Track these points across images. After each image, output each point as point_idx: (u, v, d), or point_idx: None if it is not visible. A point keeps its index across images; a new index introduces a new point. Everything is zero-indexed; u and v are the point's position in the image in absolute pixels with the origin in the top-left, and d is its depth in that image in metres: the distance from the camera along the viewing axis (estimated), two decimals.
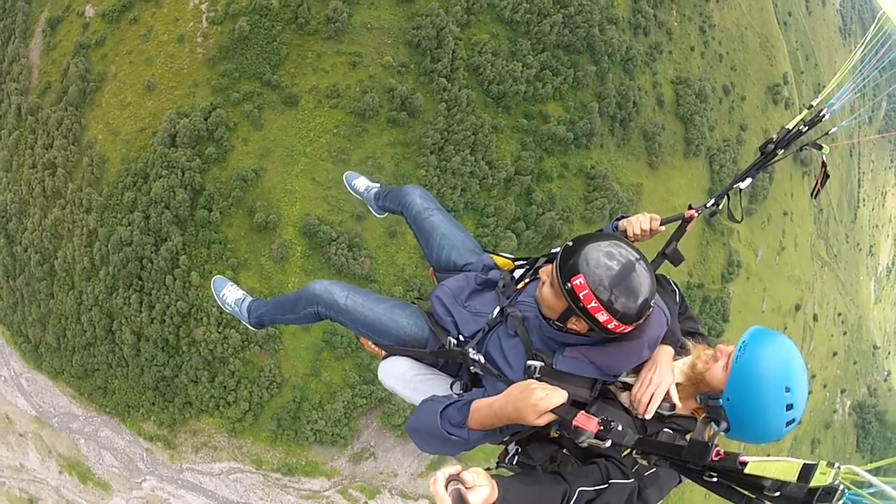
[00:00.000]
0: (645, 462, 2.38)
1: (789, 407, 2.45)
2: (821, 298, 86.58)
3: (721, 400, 2.59)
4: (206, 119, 54.56)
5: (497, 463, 2.89)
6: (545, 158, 60.92)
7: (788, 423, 2.46)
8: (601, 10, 62.91)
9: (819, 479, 1.81)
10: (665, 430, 2.63)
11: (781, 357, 2.49)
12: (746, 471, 1.90)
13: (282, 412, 53.68)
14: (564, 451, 2.72)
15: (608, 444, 2.34)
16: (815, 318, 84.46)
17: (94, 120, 58.76)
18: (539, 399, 2.38)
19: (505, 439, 2.82)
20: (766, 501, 1.92)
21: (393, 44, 57.78)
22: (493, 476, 2.10)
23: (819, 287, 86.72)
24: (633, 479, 2.46)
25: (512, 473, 2.66)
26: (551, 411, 2.38)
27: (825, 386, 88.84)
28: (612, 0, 64.63)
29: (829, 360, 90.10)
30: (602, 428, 2.32)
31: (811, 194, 4.20)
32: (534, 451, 2.75)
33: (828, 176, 3.77)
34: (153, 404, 55.49)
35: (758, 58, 79.92)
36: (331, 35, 56.54)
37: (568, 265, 2.52)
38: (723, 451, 2.03)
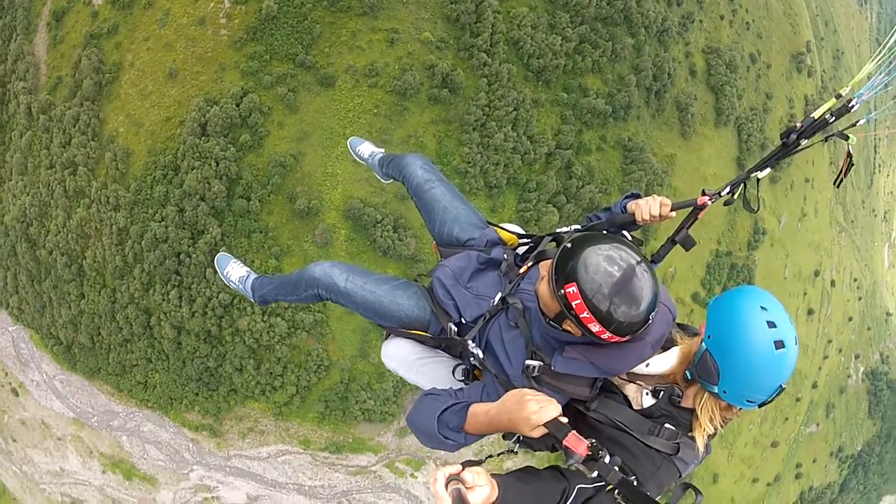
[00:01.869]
0: (693, 434, 2.43)
1: (771, 324, 2.42)
2: (838, 264, 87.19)
3: (703, 345, 2.57)
4: (237, 105, 51.81)
5: (503, 437, 2.75)
6: (584, 132, 59.34)
7: (778, 346, 2.39)
8: None
9: None
10: (667, 425, 2.59)
11: (749, 289, 2.56)
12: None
13: (329, 394, 52.49)
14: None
15: (595, 474, 2.29)
16: (832, 283, 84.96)
17: (113, 112, 55.53)
18: (532, 413, 2.32)
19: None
20: None
21: (431, 18, 55.36)
22: (493, 475, 2.09)
23: (837, 252, 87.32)
24: (633, 476, 2.44)
25: (508, 472, 2.47)
26: (543, 426, 2.31)
27: (840, 350, 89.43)
28: None
29: (845, 326, 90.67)
30: (591, 453, 2.27)
31: (834, 183, 4.10)
32: (536, 442, 2.68)
33: (853, 165, 3.62)
34: (197, 395, 53.71)
35: (782, 25, 79.03)
36: (365, 11, 53.88)
37: (566, 269, 2.44)
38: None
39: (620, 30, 61.07)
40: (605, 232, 3.20)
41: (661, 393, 2.64)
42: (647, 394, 2.70)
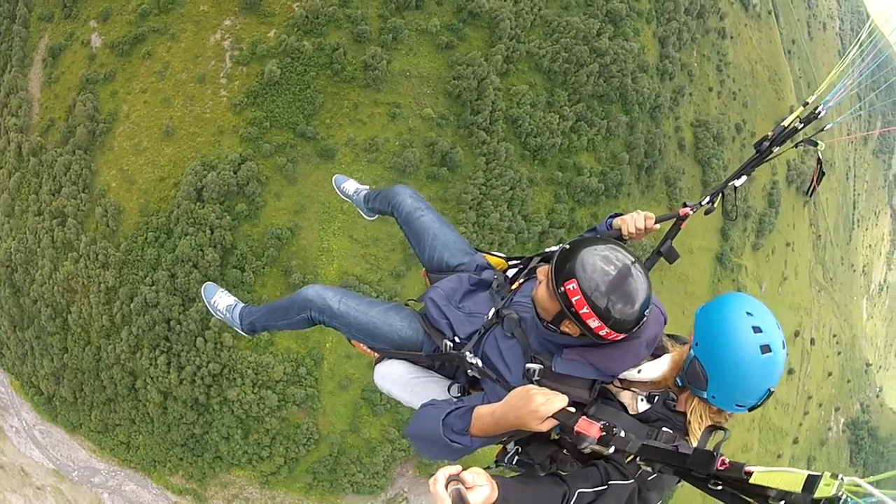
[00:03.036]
0: (649, 469, 2.35)
1: (757, 329, 2.45)
2: (818, 322, 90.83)
3: (691, 352, 2.62)
4: (235, 172, 51.63)
5: (495, 462, 2.89)
6: (577, 209, 60.78)
7: (765, 350, 2.43)
8: (634, 58, 62.33)
9: (823, 490, 1.83)
10: (664, 428, 2.61)
11: (735, 295, 2.59)
12: (751, 480, 1.91)
13: (318, 466, 53.35)
14: (564, 451, 2.76)
15: (612, 450, 2.35)
16: (812, 341, 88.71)
17: (105, 165, 54.71)
18: (539, 405, 2.37)
19: (504, 439, 2.83)
20: None
21: (432, 94, 55.74)
22: (493, 476, 2.12)
23: (816, 311, 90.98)
24: (632, 481, 2.47)
25: (510, 473, 2.67)
26: (553, 416, 2.38)
27: (820, 405, 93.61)
28: (643, 47, 64.02)
29: (825, 381, 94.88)
30: (604, 433, 2.31)
31: (807, 192, 5.05)
32: (534, 451, 2.78)
33: (823, 173, 3.79)
34: (181, 459, 53.92)
35: (767, 92, 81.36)
36: (368, 83, 54.00)
37: (564, 269, 2.53)
38: (728, 460, 2.03)
39: (616, 107, 62.35)
40: None
41: (656, 398, 2.68)
42: (641, 399, 2.73)
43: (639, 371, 2.77)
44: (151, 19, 57.06)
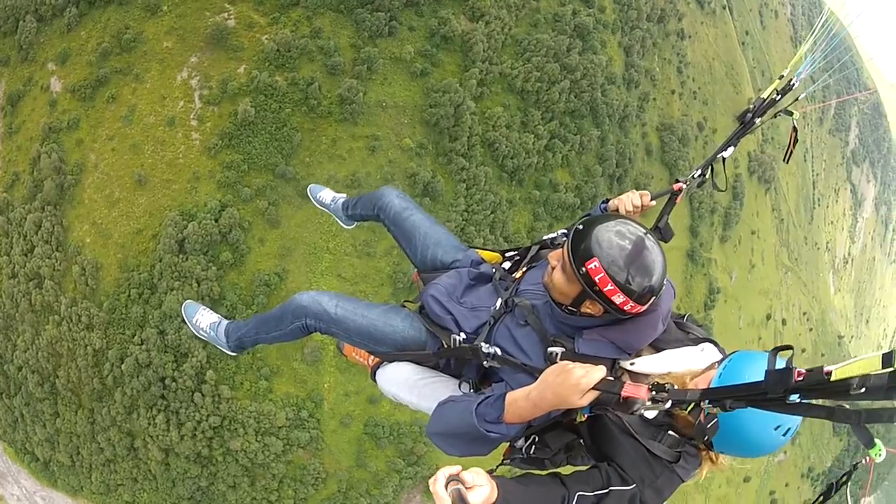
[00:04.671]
0: (716, 410, 2.23)
1: (783, 430, 2.40)
2: (787, 302, 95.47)
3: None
4: (216, 220, 50.73)
5: (503, 460, 2.87)
6: (555, 225, 62.00)
7: (778, 429, 2.39)
8: (602, 71, 63.33)
9: None
10: (669, 432, 2.57)
11: (764, 416, 2.27)
12: (833, 378, 1.87)
13: (328, 503, 53.57)
14: (580, 440, 2.76)
15: (668, 405, 2.22)
16: (783, 322, 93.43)
17: (77, 220, 52.84)
18: (580, 377, 2.29)
19: (528, 431, 2.78)
20: (846, 406, 1.91)
21: (410, 123, 55.56)
22: (492, 477, 2.13)
23: (784, 292, 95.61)
24: (633, 486, 2.46)
25: (517, 471, 2.70)
26: (595, 387, 2.28)
27: None
28: (610, 59, 65.01)
29: (799, 358, 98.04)
30: (653, 392, 2.22)
31: (784, 159, 4.74)
32: (551, 440, 2.76)
33: (797, 140, 4.00)
34: None
35: (725, 87, 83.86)
36: (345, 117, 53.45)
37: (580, 249, 2.53)
38: (802, 369, 1.97)
39: (587, 121, 63.50)
40: None
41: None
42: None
43: (631, 364, 2.72)
44: (113, 59, 54.73)
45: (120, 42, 55.05)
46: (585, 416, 2.61)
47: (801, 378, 1.94)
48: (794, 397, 1.97)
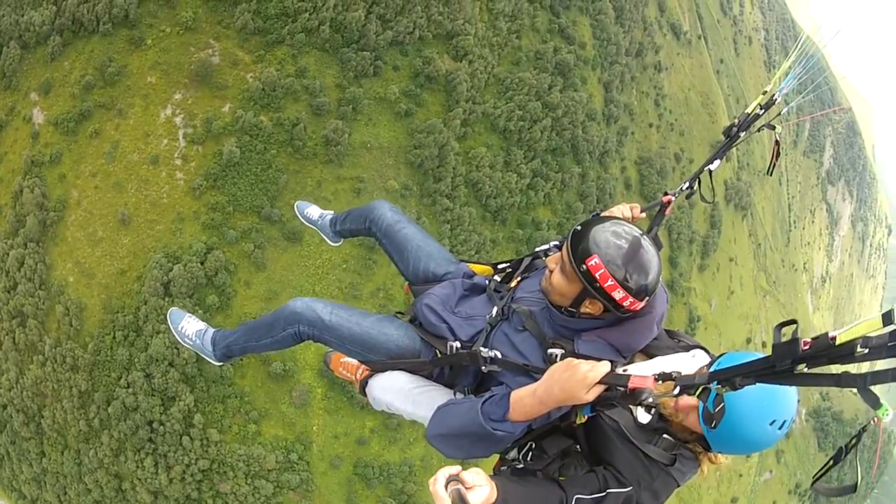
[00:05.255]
0: (728, 388, 2.18)
1: (778, 424, 2.43)
2: (766, 326, 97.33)
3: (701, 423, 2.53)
4: (202, 263, 50.90)
5: (494, 472, 2.83)
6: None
7: (773, 423, 2.42)
8: (583, 108, 64.75)
9: None
10: (665, 436, 2.63)
11: (755, 399, 2.39)
12: (838, 342, 1.85)
13: None
14: (577, 446, 2.78)
15: (676, 391, 2.26)
16: (763, 345, 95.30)
17: (60, 257, 52.51)
18: (586, 372, 2.33)
19: (525, 438, 2.80)
20: (852, 372, 1.87)
21: (394, 164, 56.27)
22: (492, 477, 2.14)
23: (764, 315, 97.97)
24: (630, 488, 2.49)
25: (506, 476, 2.69)
26: (601, 381, 2.33)
27: None
28: (590, 95, 66.44)
29: None
30: (659, 381, 2.24)
31: (767, 171, 4.75)
32: (549, 445, 2.77)
33: (780, 154, 4.07)
34: None
35: (701, 117, 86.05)
36: (331, 159, 53.95)
37: (580, 248, 2.60)
38: (808, 339, 1.96)
39: (568, 158, 64.96)
40: None
41: (654, 409, 2.65)
42: (642, 410, 2.70)
43: (624, 370, 2.70)
44: (96, 93, 54.25)
45: (103, 75, 54.54)
46: (586, 416, 2.62)
47: (807, 347, 1.97)
48: (802, 367, 2.00)
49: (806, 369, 1.97)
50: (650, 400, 2.27)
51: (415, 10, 57.14)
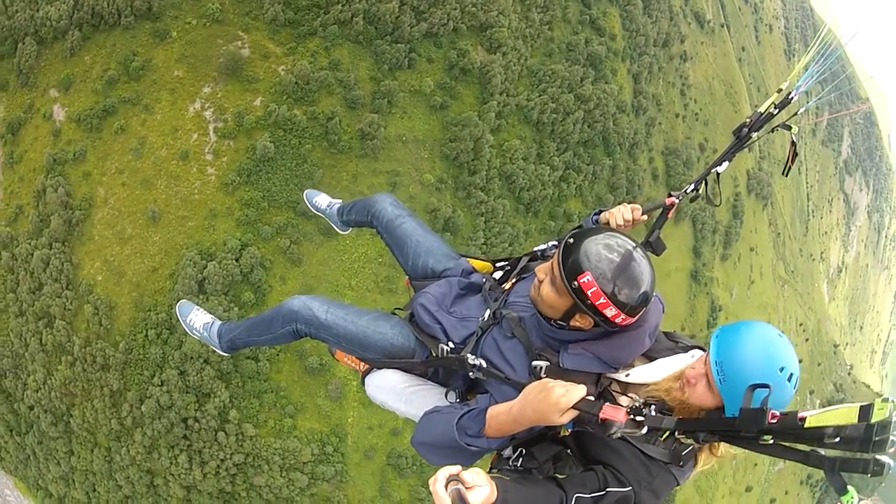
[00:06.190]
0: (690, 441, 2.29)
1: (787, 374, 2.38)
2: (784, 315, 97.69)
3: (727, 414, 2.44)
4: (237, 260, 49.89)
5: (490, 469, 2.79)
6: None
7: (789, 379, 2.37)
8: (613, 100, 63.85)
9: (878, 415, 1.80)
10: (663, 436, 2.51)
11: (757, 348, 2.41)
12: (807, 425, 1.86)
13: None
14: (568, 451, 2.76)
15: (644, 430, 2.29)
16: (780, 334, 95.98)
17: (87, 256, 51.32)
18: (560, 396, 2.33)
19: (514, 441, 2.76)
20: (822, 451, 1.90)
21: (430, 158, 55.26)
22: (492, 477, 2.14)
23: (782, 305, 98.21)
24: (630, 488, 2.48)
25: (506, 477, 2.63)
26: (574, 407, 2.32)
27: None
28: (620, 87, 65.52)
29: None
30: (631, 417, 2.27)
31: (783, 173, 4.58)
32: (538, 451, 2.73)
33: (796, 154, 3.88)
34: None
35: (724, 107, 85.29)
36: (366, 152, 52.88)
37: (570, 263, 2.51)
38: (777, 412, 1.97)
39: (599, 150, 64.12)
40: None
41: (652, 406, 2.58)
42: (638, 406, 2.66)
43: (626, 375, 2.70)
44: (120, 87, 52.89)
45: (127, 69, 53.17)
46: (569, 430, 2.57)
47: (774, 421, 1.96)
48: (768, 438, 1.97)
49: (772, 441, 1.99)
50: (618, 434, 2.25)
51: (449, 1, 55.90)
